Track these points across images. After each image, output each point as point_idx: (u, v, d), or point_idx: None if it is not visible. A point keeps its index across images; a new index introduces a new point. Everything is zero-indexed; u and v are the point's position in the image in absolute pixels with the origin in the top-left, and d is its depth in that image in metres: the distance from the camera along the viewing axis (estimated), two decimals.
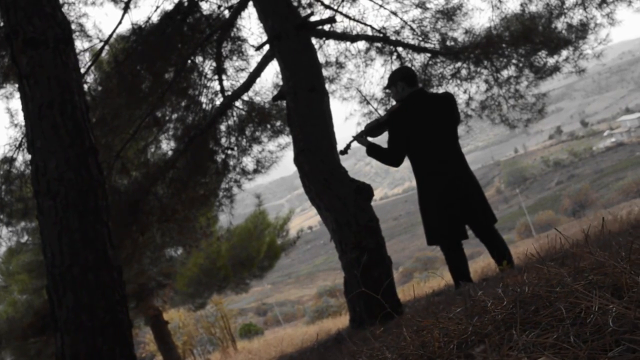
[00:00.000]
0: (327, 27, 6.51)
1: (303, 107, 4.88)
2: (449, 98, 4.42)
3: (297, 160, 4.93)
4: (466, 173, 4.36)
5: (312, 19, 6.01)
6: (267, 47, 5.48)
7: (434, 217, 4.34)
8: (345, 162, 4.87)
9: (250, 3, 5.85)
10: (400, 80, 4.40)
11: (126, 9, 5.76)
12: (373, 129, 4.55)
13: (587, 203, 57.92)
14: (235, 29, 6.80)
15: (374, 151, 4.51)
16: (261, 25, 5.38)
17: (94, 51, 6.01)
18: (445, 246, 4.46)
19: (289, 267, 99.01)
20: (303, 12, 6.53)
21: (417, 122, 4.30)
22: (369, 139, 4.61)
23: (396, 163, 4.46)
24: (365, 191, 4.85)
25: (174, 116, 6.99)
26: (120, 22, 5.71)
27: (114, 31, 5.86)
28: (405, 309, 4.75)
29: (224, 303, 21.97)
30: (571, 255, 1.10)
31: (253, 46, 6.71)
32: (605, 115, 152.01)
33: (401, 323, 1.19)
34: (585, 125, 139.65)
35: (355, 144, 4.72)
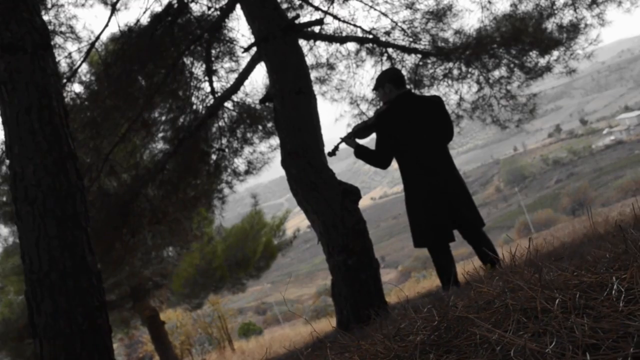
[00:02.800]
0: (317, 29, 6.50)
1: (290, 109, 4.87)
2: (437, 101, 4.42)
3: (284, 163, 4.93)
4: (454, 175, 4.36)
5: (302, 20, 6.01)
6: (255, 49, 5.47)
7: (422, 220, 4.34)
8: (344, 161, 4.89)
9: (239, 5, 5.84)
10: (388, 82, 4.40)
11: (113, 10, 5.75)
12: (361, 130, 4.55)
13: (586, 201, 57.98)
14: (225, 31, 6.79)
15: (361, 153, 4.52)
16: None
17: (82, 52, 6.01)
18: (432, 249, 4.46)
19: (288, 267, 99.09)
20: (293, 14, 6.52)
21: (405, 124, 4.29)
22: (357, 140, 4.62)
23: (383, 165, 4.46)
24: (352, 194, 4.84)
25: (164, 118, 6.99)
26: (107, 25, 5.70)
27: (101, 33, 5.85)
28: (395, 311, 4.75)
29: (222, 302, 22.00)
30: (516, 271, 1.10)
31: (242, 47, 6.71)
32: (605, 113, 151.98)
33: (327, 345, 1.18)
34: (585, 124, 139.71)
35: (343, 146, 4.73)
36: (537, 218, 53.88)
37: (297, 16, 5.03)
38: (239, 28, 6.65)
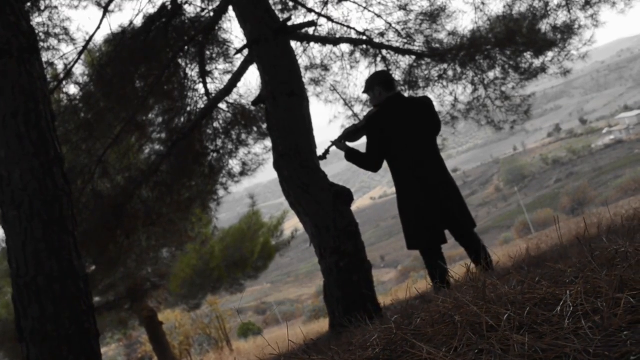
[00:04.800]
0: (311, 31, 6.49)
1: (282, 111, 4.86)
2: (427, 102, 4.43)
3: (277, 165, 4.92)
4: (445, 177, 4.37)
5: (295, 22, 6.00)
6: (248, 51, 5.47)
7: (413, 222, 4.35)
8: (344, 161, 4.86)
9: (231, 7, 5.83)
10: (378, 85, 4.42)
11: (105, 13, 5.74)
12: (351, 133, 4.58)
13: (585, 201, 58.02)
14: (219, 32, 6.78)
15: (352, 156, 4.55)
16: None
17: (76, 54, 6.01)
18: (424, 251, 4.47)
19: (288, 266, 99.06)
20: (287, 16, 6.51)
21: (395, 126, 4.30)
22: (347, 143, 4.65)
23: (374, 168, 4.48)
24: (344, 195, 4.84)
25: (160, 120, 6.99)
26: (99, 27, 5.69)
27: (93, 35, 5.84)
28: (387, 313, 4.75)
29: (222, 302, 21.97)
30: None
31: (235, 49, 6.70)
32: (604, 112, 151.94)
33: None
34: (584, 123, 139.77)
35: (335, 149, 4.75)
36: (537, 217, 53.87)
37: (289, 18, 5.02)
38: (233, 29, 6.66)
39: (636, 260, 0.90)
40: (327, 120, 7.51)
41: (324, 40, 6.53)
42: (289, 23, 5.03)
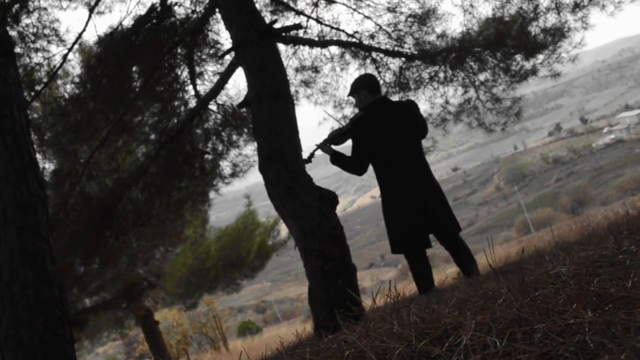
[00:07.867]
0: (301, 33, 6.47)
1: (267, 114, 4.84)
2: (412, 106, 4.43)
3: (262, 168, 4.91)
4: (430, 181, 4.37)
5: (285, 24, 5.99)
6: (234, 53, 5.45)
7: (398, 226, 4.35)
8: None
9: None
10: (363, 88, 4.42)
11: (91, 14, 5.73)
12: (336, 137, 4.59)
13: (585, 200, 58.02)
14: (210, 33, 6.76)
15: (337, 159, 4.55)
16: None
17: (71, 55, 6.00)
18: (409, 255, 4.47)
19: (288, 265, 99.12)
20: (277, 18, 6.50)
21: (380, 130, 4.31)
22: (333, 147, 4.65)
23: (359, 171, 4.49)
24: (329, 199, 4.82)
25: (150, 122, 6.97)
26: (84, 29, 5.68)
27: (78, 37, 5.83)
28: (375, 316, 4.74)
29: (220, 301, 21.96)
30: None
31: (224, 51, 6.68)
32: (605, 112, 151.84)
33: None
34: (585, 122, 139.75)
35: (319, 152, 4.75)
36: (537, 217, 53.85)
37: (275, 21, 5.00)
38: (222, 31, 6.65)
39: (560, 286, 0.89)
40: (317, 123, 7.49)
41: (311, 43, 6.52)
42: (276, 26, 5.01)
